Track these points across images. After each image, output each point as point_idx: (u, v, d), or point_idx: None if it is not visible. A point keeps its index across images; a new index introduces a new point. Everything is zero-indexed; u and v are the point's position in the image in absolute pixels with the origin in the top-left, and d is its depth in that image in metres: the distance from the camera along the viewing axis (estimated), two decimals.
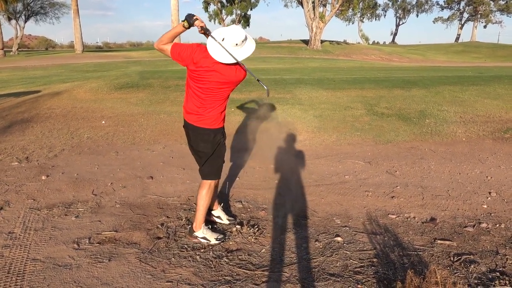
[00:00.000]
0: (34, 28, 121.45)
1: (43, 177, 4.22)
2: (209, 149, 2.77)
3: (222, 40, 2.46)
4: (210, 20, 57.25)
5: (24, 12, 39.36)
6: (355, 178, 4.47)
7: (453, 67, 20.68)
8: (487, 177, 4.49)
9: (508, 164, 4.96)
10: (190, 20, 2.51)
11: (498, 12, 57.83)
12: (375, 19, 61.68)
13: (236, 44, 2.46)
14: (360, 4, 34.02)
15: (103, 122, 6.54)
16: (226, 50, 2.45)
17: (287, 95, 8.16)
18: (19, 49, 39.07)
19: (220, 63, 2.49)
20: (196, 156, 2.90)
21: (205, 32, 2.56)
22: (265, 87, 2.68)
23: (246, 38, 2.52)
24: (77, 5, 33.99)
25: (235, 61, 2.48)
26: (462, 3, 60.35)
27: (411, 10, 65.02)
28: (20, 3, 37.24)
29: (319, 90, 8.59)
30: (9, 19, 38.72)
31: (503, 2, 56.79)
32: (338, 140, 6.06)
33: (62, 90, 8.70)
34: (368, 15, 54.45)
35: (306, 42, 37.75)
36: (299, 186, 4.18)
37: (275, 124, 6.56)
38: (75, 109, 7.22)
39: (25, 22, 40.18)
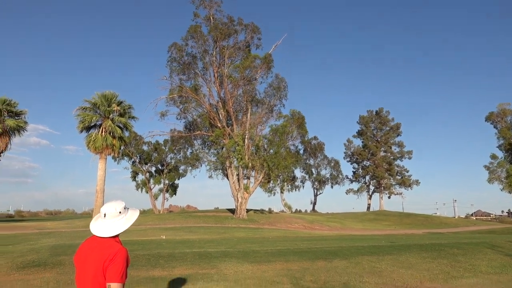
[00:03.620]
0: None
1: None
2: None
3: (104, 216, 2.59)
4: (137, 189, 57.66)
5: None
6: None
7: (368, 235, 22.19)
8: None
9: None
10: None
11: (397, 185, 66.76)
12: (295, 190, 67.05)
13: (104, 215, 2.57)
14: (280, 177, 37.27)
15: None
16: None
17: (211, 270, 7.88)
18: None
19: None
20: None
21: None
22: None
23: (116, 211, 2.60)
24: None
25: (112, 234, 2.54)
26: (367, 177, 69.12)
27: (326, 182, 72.30)
28: None
29: (245, 263, 8.46)
30: None
31: (399, 177, 66.29)
32: None
33: None
34: (288, 186, 59.19)
35: (232, 211, 38.82)
36: None
37: None
38: None
39: None
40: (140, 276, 7.22)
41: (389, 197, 67.47)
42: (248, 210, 38.20)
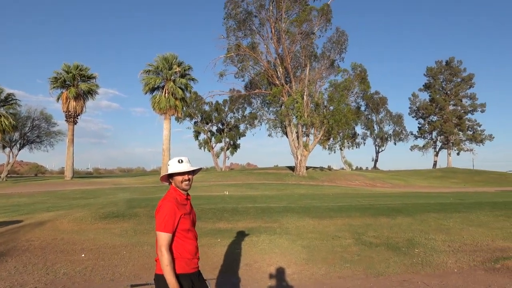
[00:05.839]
0: (27, 154, 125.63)
1: None
2: None
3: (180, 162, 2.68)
4: (200, 148, 60.22)
5: (19, 141, 40.86)
6: None
7: (434, 193, 21.31)
8: None
9: None
10: None
11: (468, 141, 62.47)
12: (355, 147, 65.55)
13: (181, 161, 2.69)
14: (340, 134, 36.57)
15: (83, 255, 6.27)
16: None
17: (274, 224, 8.13)
18: (8, 175, 39.30)
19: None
20: None
21: None
22: None
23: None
24: (73, 135, 35.71)
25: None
26: (434, 133, 65.40)
27: (389, 139, 69.70)
28: (18, 132, 38.97)
29: (306, 218, 8.61)
30: (4, 147, 39.93)
31: (470, 132, 61.83)
32: (328, 273, 5.84)
33: (45, 220, 8.53)
34: (349, 143, 58.00)
35: (292, 168, 39.21)
36: None
37: (264, 256, 6.36)
38: (55, 241, 6.97)
39: (19, 150, 41.39)
40: (207, 228, 7.68)
41: (458, 154, 63.71)
42: (307, 168, 38.33)
